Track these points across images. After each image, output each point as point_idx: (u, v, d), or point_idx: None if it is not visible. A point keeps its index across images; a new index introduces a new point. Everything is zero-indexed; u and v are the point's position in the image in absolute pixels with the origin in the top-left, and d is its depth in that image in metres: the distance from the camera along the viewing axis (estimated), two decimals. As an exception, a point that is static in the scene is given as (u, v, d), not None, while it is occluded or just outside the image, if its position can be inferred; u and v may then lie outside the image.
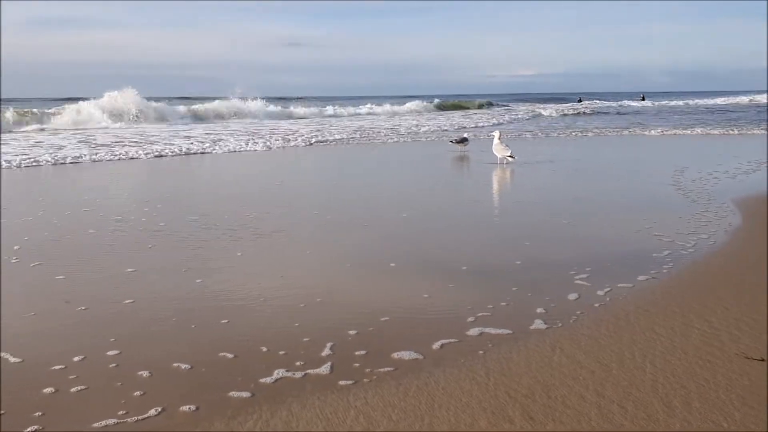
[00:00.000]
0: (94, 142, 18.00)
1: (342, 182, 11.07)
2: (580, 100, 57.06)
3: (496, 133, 12.74)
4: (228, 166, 13.64)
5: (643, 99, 57.13)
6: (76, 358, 3.43)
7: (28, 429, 2.73)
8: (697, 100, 56.01)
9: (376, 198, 8.99)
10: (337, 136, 20.36)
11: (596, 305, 4.16)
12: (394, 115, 36.87)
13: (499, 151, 12.19)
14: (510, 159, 12.03)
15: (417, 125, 26.38)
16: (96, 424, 2.76)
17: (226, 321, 3.98)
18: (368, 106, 41.17)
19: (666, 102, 53.95)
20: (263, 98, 35.52)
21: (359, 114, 38.08)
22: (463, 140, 14.85)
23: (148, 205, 8.11)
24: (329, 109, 38.37)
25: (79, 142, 17.96)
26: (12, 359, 3.45)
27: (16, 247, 5.83)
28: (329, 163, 14.21)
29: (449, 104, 47.98)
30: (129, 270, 5.11)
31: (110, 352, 3.52)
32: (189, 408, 2.90)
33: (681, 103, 51.32)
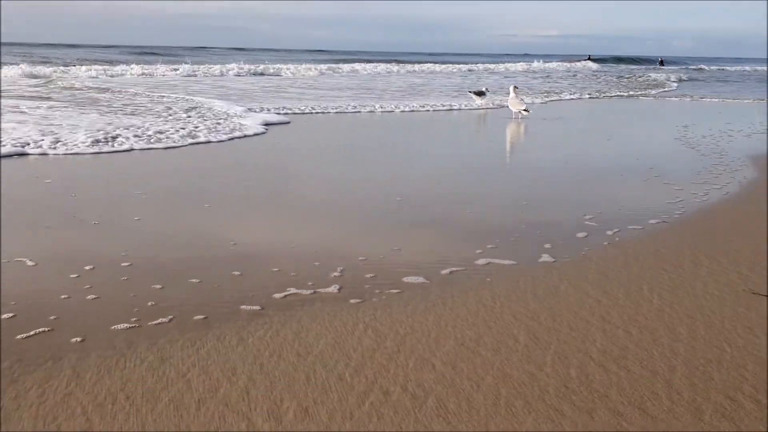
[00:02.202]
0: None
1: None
2: (589, 58, 56.70)
3: (512, 87, 12.61)
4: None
5: (662, 63, 56.11)
6: (87, 267, 3.51)
7: (40, 329, 2.79)
8: (729, 66, 54.64)
9: (391, 151, 8.96)
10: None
11: (605, 243, 4.17)
12: (574, 74, 32.77)
13: (514, 105, 12.07)
14: (524, 113, 11.92)
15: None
16: (111, 328, 2.82)
17: (234, 243, 4.04)
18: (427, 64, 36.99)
19: (686, 66, 52.95)
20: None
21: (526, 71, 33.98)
22: (481, 93, 14.71)
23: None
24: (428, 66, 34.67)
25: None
26: (29, 262, 3.53)
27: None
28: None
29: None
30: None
31: (123, 264, 3.59)
32: (200, 317, 2.95)
33: (734, 69, 49.54)
